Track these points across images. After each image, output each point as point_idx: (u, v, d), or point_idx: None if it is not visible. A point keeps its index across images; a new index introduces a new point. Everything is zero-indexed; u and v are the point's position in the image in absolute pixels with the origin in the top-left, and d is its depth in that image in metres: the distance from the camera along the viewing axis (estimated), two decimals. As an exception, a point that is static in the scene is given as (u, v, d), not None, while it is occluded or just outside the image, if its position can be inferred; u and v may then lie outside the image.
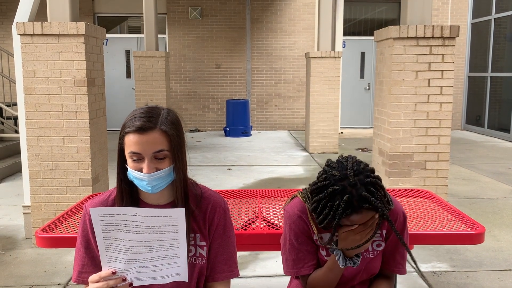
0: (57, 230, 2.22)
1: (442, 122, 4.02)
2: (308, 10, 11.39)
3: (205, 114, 11.57)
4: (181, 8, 11.27)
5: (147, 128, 1.40)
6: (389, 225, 1.53)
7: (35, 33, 3.66)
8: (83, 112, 3.77)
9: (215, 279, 1.56)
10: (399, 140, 4.03)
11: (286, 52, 11.50)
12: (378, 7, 11.85)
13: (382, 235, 1.70)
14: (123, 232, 1.32)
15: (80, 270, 1.50)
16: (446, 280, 3.35)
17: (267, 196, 2.81)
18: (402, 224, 1.70)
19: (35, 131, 3.77)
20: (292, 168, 7.06)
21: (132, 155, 1.41)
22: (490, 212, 4.88)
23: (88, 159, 3.82)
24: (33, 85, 3.73)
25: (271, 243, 2.15)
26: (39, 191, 3.84)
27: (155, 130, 1.41)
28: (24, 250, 3.90)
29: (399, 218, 1.69)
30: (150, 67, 8.58)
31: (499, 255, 3.78)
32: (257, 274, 3.45)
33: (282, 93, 11.58)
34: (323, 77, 8.16)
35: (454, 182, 6.12)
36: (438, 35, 3.89)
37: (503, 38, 10.42)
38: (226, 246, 1.58)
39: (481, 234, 2.16)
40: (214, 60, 11.45)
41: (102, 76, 4.16)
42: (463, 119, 11.82)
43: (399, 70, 3.94)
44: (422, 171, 4.06)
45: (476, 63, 11.38)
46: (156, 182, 1.43)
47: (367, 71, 11.76)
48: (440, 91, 3.98)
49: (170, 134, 1.43)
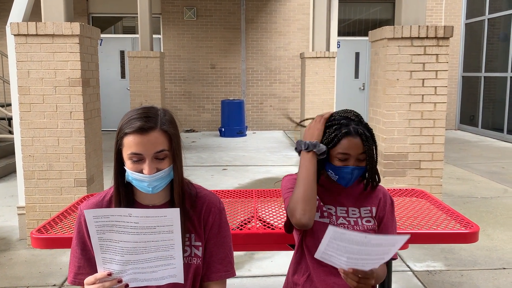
0: (52, 231, 2.21)
1: (436, 122, 4.04)
2: (302, 10, 11.41)
3: (200, 115, 11.56)
4: (175, 8, 11.26)
5: (148, 128, 1.40)
6: (368, 153, 1.67)
7: (29, 34, 3.65)
8: (78, 112, 3.76)
9: (211, 278, 1.56)
10: (394, 140, 4.04)
11: (281, 53, 11.51)
12: (373, 7, 11.89)
13: (372, 212, 1.73)
14: (118, 233, 1.32)
15: (77, 271, 1.50)
16: (440, 279, 3.37)
17: (263, 196, 2.81)
18: (390, 206, 1.76)
19: (30, 131, 3.76)
20: (287, 168, 7.07)
21: (132, 156, 1.40)
22: (484, 211, 4.91)
23: (83, 160, 3.81)
24: (27, 85, 3.72)
25: (266, 243, 2.16)
26: (33, 191, 3.83)
27: (155, 130, 1.41)
28: (19, 251, 3.89)
29: (387, 200, 1.76)
30: (145, 67, 8.57)
31: (493, 254, 3.81)
32: (253, 274, 3.46)
33: (277, 93, 11.59)
34: (318, 77, 8.18)
35: (449, 181, 6.15)
36: (432, 36, 3.91)
37: (497, 38, 10.49)
38: (221, 245, 1.58)
39: (475, 233, 2.18)
40: (209, 60, 11.44)
41: (96, 76, 4.15)
42: (457, 119, 11.87)
43: (393, 70, 3.96)
44: (416, 170, 4.08)
45: (470, 63, 11.44)
46: (157, 182, 1.43)
47: (362, 71, 11.79)
48: (434, 91, 4.00)
49: (171, 133, 1.43)
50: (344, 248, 1.42)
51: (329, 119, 1.73)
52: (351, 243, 1.39)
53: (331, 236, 1.40)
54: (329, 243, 1.43)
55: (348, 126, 1.66)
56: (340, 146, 1.65)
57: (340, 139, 1.65)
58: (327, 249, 1.45)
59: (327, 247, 1.44)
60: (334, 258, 1.47)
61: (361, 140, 1.65)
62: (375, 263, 1.48)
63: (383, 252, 1.42)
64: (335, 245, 1.42)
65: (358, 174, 1.68)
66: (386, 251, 1.42)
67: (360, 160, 1.67)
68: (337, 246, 1.43)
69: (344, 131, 1.64)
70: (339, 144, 1.65)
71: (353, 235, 1.38)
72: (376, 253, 1.43)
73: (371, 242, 1.39)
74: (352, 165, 1.66)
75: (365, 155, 1.67)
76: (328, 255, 1.47)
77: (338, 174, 1.68)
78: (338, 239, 1.40)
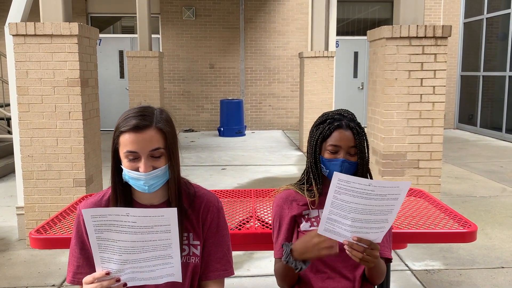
0: (51, 231, 2.21)
1: (434, 121, 4.04)
2: (301, 10, 11.41)
3: (199, 114, 11.56)
4: (174, 8, 11.25)
5: (143, 126, 1.41)
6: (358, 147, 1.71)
7: (28, 34, 3.65)
8: (77, 112, 3.76)
9: (209, 277, 1.56)
10: (392, 139, 4.05)
11: (279, 52, 11.51)
12: (371, 6, 11.90)
13: None
14: (116, 233, 1.32)
15: (75, 271, 1.51)
16: (439, 278, 3.37)
17: (262, 195, 2.81)
18: None
19: (29, 131, 3.76)
20: (286, 168, 7.07)
21: (128, 154, 1.41)
22: (482, 211, 4.92)
23: (81, 160, 3.81)
24: (26, 85, 3.72)
25: (265, 242, 2.16)
26: (32, 192, 3.83)
27: (151, 128, 1.42)
28: (18, 251, 3.89)
29: None
30: (144, 67, 8.57)
31: (492, 253, 3.81)
32: (252, 274, 3.46)
33: (276, 93, 11.60)
34: (317, 76, 8.18)
35: (447, 180, 6.16)
36: (430, 35, 3.91)
37: (495, 37, 10.50)
38: (219, 245, 1.58)
39: (474, 232, 2.18)
40: (208, 60, 11.44)
41: (95, 76, 4.15)
42: (456, 118, 11.88)
43: (392, 69, 3.96)
44: (415, 170, 4.09)
45: (469, 62, 11.45)
46: (153, 181, 1.43)
47: (361, 71, 11.79)
48: (433, 90, 4.00)
49: (166, 131, 1.44)
50: (348, 206, 1.44)
51: (322, 115, 1.80)
52: (355, 194, 1.43)
53: (336, 187, 1.44)
54: (333, 201, 1.45)
55: (341, 120, 1.73)
56: (331, 138, 1.70)
57: (332, 131, 1.71)
58: (331, 211, 1.47)
59: (332, 207, 1.46)
60: (338, 227, 1.48)
61: (352, 134, 1.70)
62: (379, 229, 1.49)
63: (387, 208, 1.45)
64: (339, 201, 1.45)
65: (348, 167, 1.69)
66: (389, 207, 1.45)
67: (351, 154, 1.70)
68: (341, 204, 1.45)
69: (336, 124, 1.71)
70: (331, 137, 1.71)
71: (357, 180, 1.42)
72: (379, 210, 1.45)
73: (375, 191, 1.42)
74: (342, 158, 1.68)
75: (355, 150, 1.70)
76: (331, 222, 1.48)
77: (328, 168, 1.71)
78: (342, 190, 1.44)
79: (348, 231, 1.48)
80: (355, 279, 1.74)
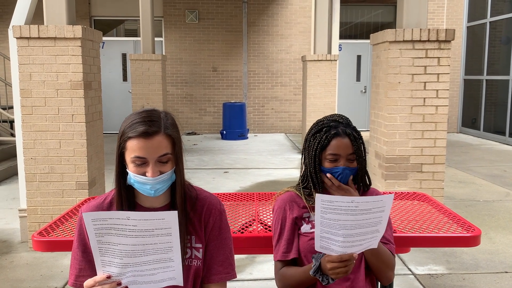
0: (54, 234, 2.21)
1: (438, 125, 4.03)
2: (304, 13, 11.42)
3: (201, 117, 11.57)
4: (177, 11, 11.28)
5: (152, 133, 1.41)
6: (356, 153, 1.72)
7: (31, 36, 3.66)
8: (80, 115, 3.76)
9: (211, 280, 1.56)
10: (396, 143, 4.04)
11: (282, 55, 11.52)
12: (374, 10, 11.90)
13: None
14: (117, 236, 1.32)
15: (78, 274, 1.50)
16: (442, 283, 3.36)
17: (264, 199, 2.81)
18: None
19: (32, 134, 3.76)
20: (289, 171, 7.06)
21: (136, 160, 1.41)
22: (486, 215, 4.90)
23: (84, 163, 3.81)
24: (29, 88, 3.72)
25: (268, 246, 2.15)
26: (35, 194, 3.83)
27: (159, 134, 1.42)
28: (20, 253, 3.89)
29: None
30: (147, 70, 8.58)
31: (495, 257, 3.79)
32: (254, 277, 3.45)
33: (278, 96, 11.60)
34: (320, 80, 8.18)
35: (450, 184, 6.14)
36: (433, 39, 3.91)
37: (499, 41, 10.48)
38: (222, 247, 1.58)
39: (477, 237, 2.17)
40: (211, 63, 11.46)
41: (98, 79, 4.16)
42: (459, 122, 11.86)
43: (395, 73, 3.96)
44: (418, 174, 4.07)
45: (472, 66, 11.43)
46: (159, 185, 1.43)
47: (363, 74, 11.79)
48: (436, 94, 3.99)
49: (174, 137, 1.45)
50: (336, 223, 1.45)
51: (317, 123, 1.79)
52: (341, 212, 1.44)
53: (321, 208, 1.45)
54: (322, 221, 1.46)
55: (337, 128, 1.72)
56: (330, 147, 1.71)
57: (330, 140, 1.71)
58: (322, 230, 1.48)
59: (321, 226, 1.47)
60: (332, 244, 1.49)
61: (350, 140, 1.70)
62: (372, 239, 1.50)
63: (375, 221, 1.47)
64: (327, 220, 1.46)
65: (349, 174, 1.72)
66: (377, 219, 1.47)
67: (350, 160, 1.71)
68: (329, 223, 1.46)
69: (333, 132, 1.71)
70: (329, 146, 1.71)
71: (340, 199, 1.44)
72: (368, 223, 1.46)
73: (359, 207, 1.43)
74: (343, 166, 1.70)
75: (354, 155, 1.72)
76: (325, 240, 1.49)
77: None
78: (328, 210, 1.45)
79: (342, 247, 1.49)
80: (357, 279, 1.74)
